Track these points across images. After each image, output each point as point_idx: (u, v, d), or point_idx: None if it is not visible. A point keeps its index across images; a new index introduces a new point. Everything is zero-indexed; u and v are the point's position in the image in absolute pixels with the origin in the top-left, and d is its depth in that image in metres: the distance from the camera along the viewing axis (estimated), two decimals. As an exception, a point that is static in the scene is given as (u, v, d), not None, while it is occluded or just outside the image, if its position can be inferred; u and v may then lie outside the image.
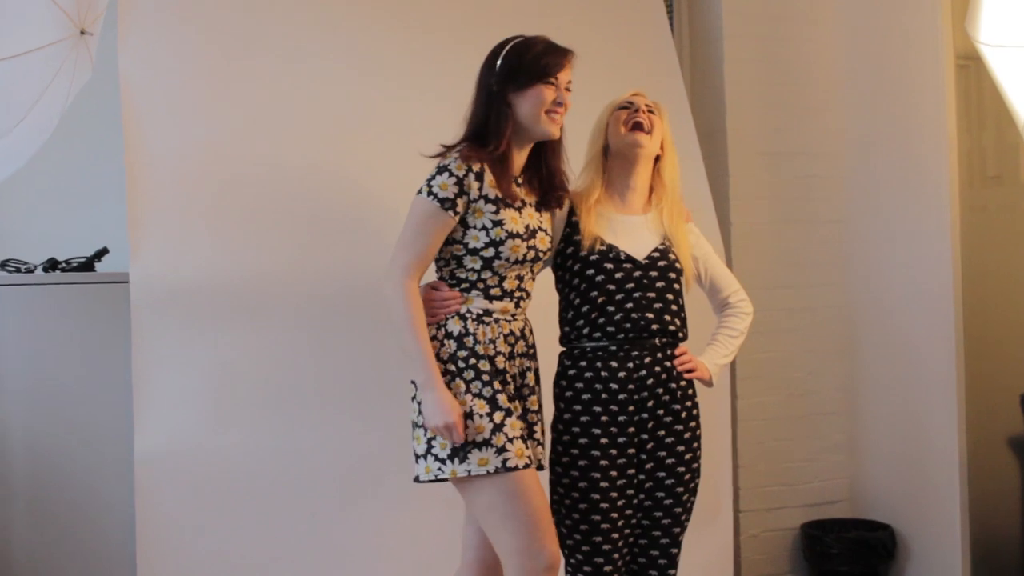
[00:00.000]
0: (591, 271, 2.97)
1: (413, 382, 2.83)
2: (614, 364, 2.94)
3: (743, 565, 4.53)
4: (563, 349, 3.06)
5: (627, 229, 3.02)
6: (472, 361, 2.80)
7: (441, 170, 2.78)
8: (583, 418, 2.95)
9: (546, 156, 2.97)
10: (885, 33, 4.47)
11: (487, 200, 2.80)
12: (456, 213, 2.77)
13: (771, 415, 4.61)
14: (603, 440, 2.93)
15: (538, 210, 2.95)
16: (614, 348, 2.95)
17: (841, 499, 4.73)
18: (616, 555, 2.96)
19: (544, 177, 2.97)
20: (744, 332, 3.16)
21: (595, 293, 2.97)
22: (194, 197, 3.45)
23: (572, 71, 2.91)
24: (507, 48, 2.87)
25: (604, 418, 2.93)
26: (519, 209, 2.87)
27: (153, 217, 3.38)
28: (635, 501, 2.98)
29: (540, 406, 2.98)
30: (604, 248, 2.98)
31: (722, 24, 4.54)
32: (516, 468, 2.72)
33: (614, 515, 2.94)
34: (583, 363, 2.98)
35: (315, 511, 3.45)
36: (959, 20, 4.03)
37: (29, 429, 3.46)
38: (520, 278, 2.90)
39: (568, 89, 2.91)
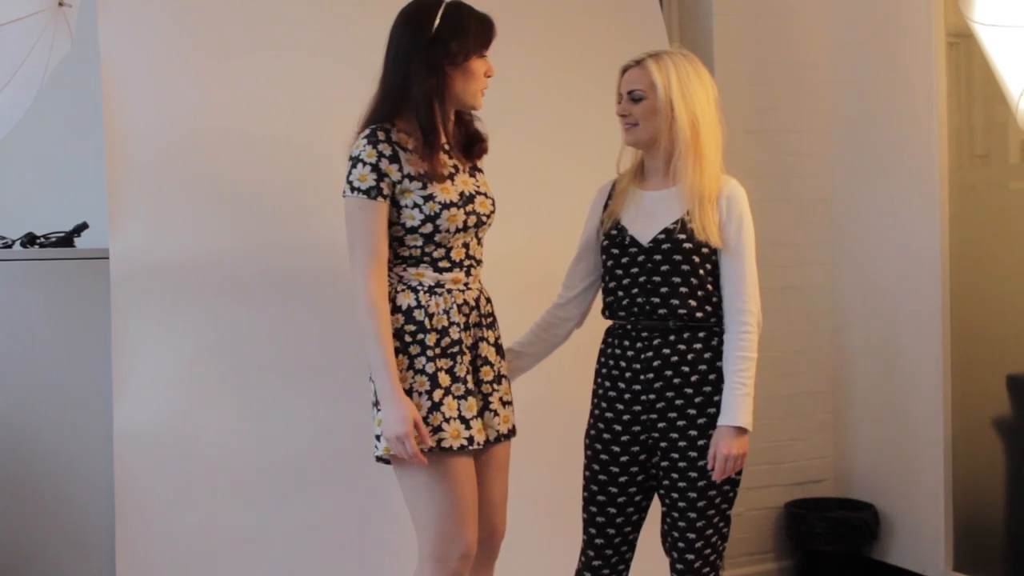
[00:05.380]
0: (603, 256, 2.99)
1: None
2: (626, 343, 2.94)
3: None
4: None
5: (648, 207, 2.95)
6: (420, 336, 2.75)
7: (354, 162, 2.72)
8: (599, 391, 3.00)
9: (459, 117, 2.91)
10: (876, 10, 4.43)
11: (411, 178, 2.74)
12: (385, 197, 2.72)
13: (756, 394, 4.56)
14: (608, 414, 2.96)
15: (472, 175, 2.90)
16: (628, 327, 2.94)
17: (825, 478, 4.73)
18: (601, 535, 2.98)
19: (461, 135, 2.91)
20: (744, 351, 2.87)
21: (608, 278, 2.98)
22: (175, 172, 3.41)
23: None
24: (441, 14, 2.73)
25: (612, 393, 2.95)
26: (451, 177, 2.82)
27: (133, 192, 3.34)
28: (649, 482, 2.97)
29: (498, 377, 2.92)
30: (615, 232, 2.95)
31: (712, 4, 4.48)
32: (450, 449, 2.71)
33: (612, 489, 2.95)
34: (609, 339, 3.01)
35: (296, 490, 3.43)
36: (951, -2, 4.03)
37: (7, 407, 3.43)
38: (466, 246, 2.85)
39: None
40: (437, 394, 2.73)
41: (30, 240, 3.61)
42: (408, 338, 2.75)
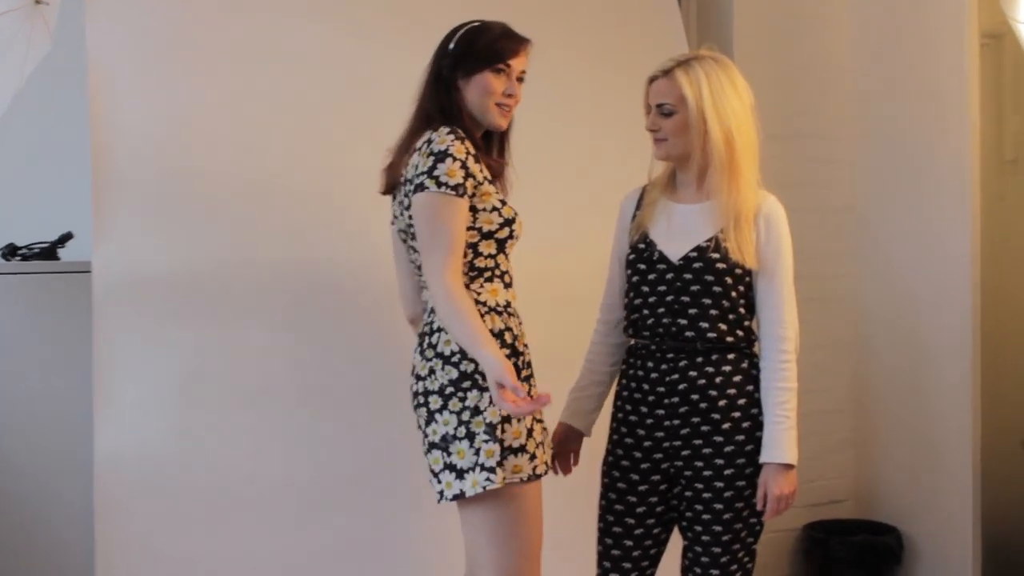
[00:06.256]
0: (629, 271, 2.84)
1: (437, 392, 2.63)
2: (650, 364, 2.79)
3: None
4: None
5: (679, 222, 2.80)
6: (513, 360, 2.64)
7: (441, 156, 2.56)
8: (619, 415, 2.87)
9: (496, 147, 2.83)
10: (904, 10, 4.31)
11: (489, 181, 2.66)
12: (468, 196, 2.60)
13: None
14: (628, 440, 2.83)
15: None
16: (653, 347, 2.79)
17: (847, 498, 4.62)
18: (617, 569, 2.86)
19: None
20: (784, 382, 2.74)
21: (632, 294, 2.83)
22: (164, 180, 3.33)
23: (528, 61, 2.75)
24: (461, 31, 2.73)
25: (633, 418, 2.81)
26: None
27: (119, 202, 3.26)
28: (669, 514, 2.85)
29: None
30: (642, 247, 2.80)
31: (732, 2, 4.38)
32: (541, 476, 2.67)
33: (629, 520, 2.83)
34: (631, 359, 2.86)
35: (287, 518, 3.34)
36: (984, -2, 3.93)
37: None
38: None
39: (521, 79, 2.75)
40: (528, 420, 2.63)
41: (11, 251, 3.57)
42: None
